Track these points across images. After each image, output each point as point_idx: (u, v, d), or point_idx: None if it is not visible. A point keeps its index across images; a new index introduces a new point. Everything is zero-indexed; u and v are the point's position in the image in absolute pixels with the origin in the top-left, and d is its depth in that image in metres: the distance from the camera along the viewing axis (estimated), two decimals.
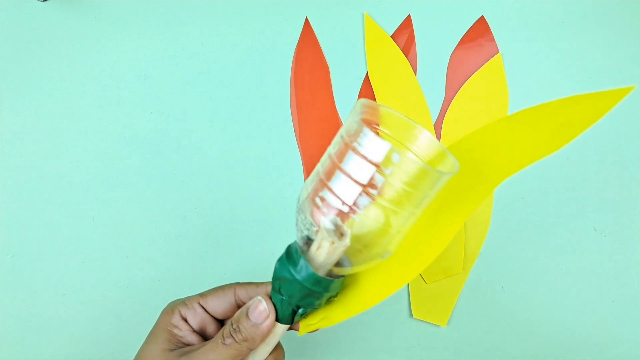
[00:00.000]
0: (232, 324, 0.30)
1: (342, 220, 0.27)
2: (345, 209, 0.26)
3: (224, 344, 0.30)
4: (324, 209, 0.26)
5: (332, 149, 0.27)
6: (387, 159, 0.24)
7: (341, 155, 0.26)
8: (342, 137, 0.26)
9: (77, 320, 0.44)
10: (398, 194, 0.25)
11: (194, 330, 0.33)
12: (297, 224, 0.29)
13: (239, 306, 0.33)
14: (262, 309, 0.30)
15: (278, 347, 0.33)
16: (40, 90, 0.47)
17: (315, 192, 0.27)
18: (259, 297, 0.30)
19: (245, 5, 0.48)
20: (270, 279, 0.31)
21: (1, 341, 0.44)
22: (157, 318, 0.34)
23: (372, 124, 0.28)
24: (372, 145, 0.24)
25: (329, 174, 0.26)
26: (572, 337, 0.43)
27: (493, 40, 0.47)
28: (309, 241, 0.29)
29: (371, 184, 0.25)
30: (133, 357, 0.34)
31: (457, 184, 0.28)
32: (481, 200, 0.26)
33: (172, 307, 0.33)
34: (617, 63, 0.46)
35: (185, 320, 0.33)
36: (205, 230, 0.45)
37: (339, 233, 0.27)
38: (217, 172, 0.46)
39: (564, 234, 0.44)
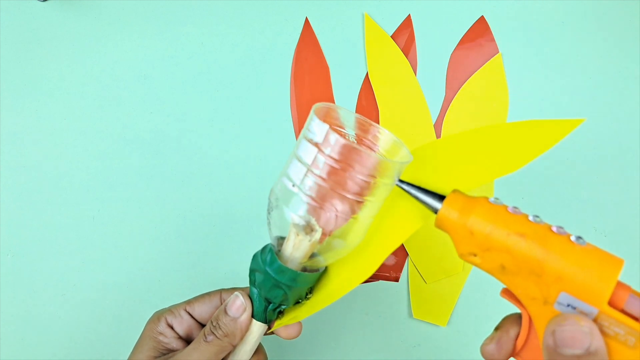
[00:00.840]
0: (212, 322, 0.31)
1: (317, 218, 0.28)
2: (295, 189, 0.28)
3: (206, 341, 0.30)
4: (291, 203, 0.28)
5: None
6: (327, 139, 0.26)
7: (297, 144, 0.28)
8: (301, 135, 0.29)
9: (77, 320, 0.44)
10: (359, 186, 0.26)
11: (180, 337, 0.33)
12: (268, 224, 0.31)
13: None
14: (239, 303, 0.31)
15: (260, 351, 0.33)
16: (40, 90, 0.47)
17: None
18: (236, 293, 0.31)
19: (245, 5, 0.48)
20: None
21: (1, 341, 0.44)
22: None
23: (332, 125, 0.29)
24: (316, 127, 0.27)
25: (287, 163, 0.29)
26: None
27: (493, 40, 0.47)
28: (281, 240, 0.30)
29: (322, 171, 0.27)
30: None
31: (416, 176, 0.29)
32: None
33: (157, 316, 0.34)
34: (617, 63, 0.46)
35: (172, 328, 0.33)
36: (205, 230, 0.45)
37: (309, 229, 0.28)
38: (217, 172, 0.46)
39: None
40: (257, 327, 0.31)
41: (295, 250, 0.29)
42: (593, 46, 0.47)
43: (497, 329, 0.30)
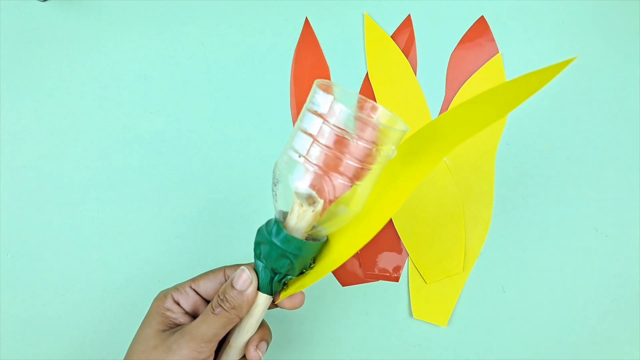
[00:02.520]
0: (219, 296, 0.32)
1: (321, 186, 0.29)
2: (301, 160, 0.29)
3: (214, 313, 0.31)
4: (295, 173, 0.29)
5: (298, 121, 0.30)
6: (332, 109, 0.28)
7: (300, 118, 0.30)
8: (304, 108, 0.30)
9: (77, 320, 0.44)
10: (362, 154, 0.28)
11: (187, 312, 0.34)
12: (274, 197, 0.32)
13: None
14: (245, 276, 0.32)
15: (265, 325, 0.34)
16: (40, 90, 0.47)
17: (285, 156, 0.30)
18: (242, 267, 0.32)
19: (245, 5, 0.48)
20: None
21: (1, 341, 0.44)
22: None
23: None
24: (321, 99, 0.28)
25: (292, 137, 0.30)
26: (572, 337, 0.43)
27: (493, 40, 0.47)
28: (285, 214, 0.31)
29: (328, 140, 0.28)
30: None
31: (413, 146, 0.31)
32: (437, 161, 0.28)
33: (164, 293, 0.35)
34: (617, 63, 0.46)
35: (178, 304, 0.34)
36: (205, 230, 0.45)
37: (311, 200, 0.29)
38: (217, 172, 0.46)
39: (564, 234, 0.44)
40: (263, 299, 0.32)
41: (300, 220, 0.30)
42: (593, 46, 0.47)
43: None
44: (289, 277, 0.32)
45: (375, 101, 0.46)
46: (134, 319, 0.44)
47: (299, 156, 0.29)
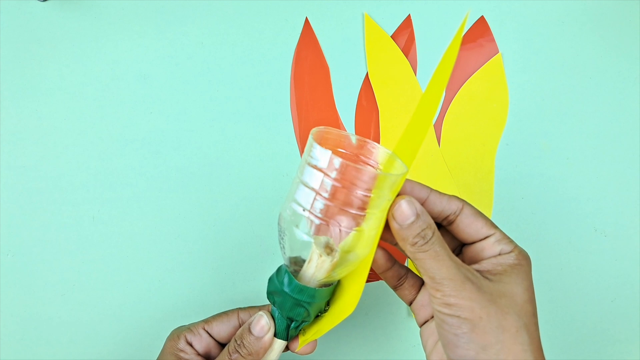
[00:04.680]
0: (235, 340, 0.32)
1: (333, 238, 0.30)
2: (306, 213, 0.29)
3: (231, 358, 0.31)
4: (301, 226, 0.30)
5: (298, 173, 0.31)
6: (331, 164, 0.28)
7: (301, 170, 0.30)
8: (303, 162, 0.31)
9: (77, 320, 0.44)
10: (362, 201, 0.29)
11: (199, 354, 0.34)
12: (282, 249, 0.32)
13: None
14: (263, 323, 0.32)
15: None
16: (40, 90, 0.47)
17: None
18: (260, 312, 0.32)
19: (245, 5, 0.48)
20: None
21: (1, 341, 0.44)
22: (156, 319, 0.35)
23: (330, 146, 0.32)
24: (319, 154, 0.29)
25: (294, 189, 0.30)
26: (572, 337, 0.43)
27: (493, 40, 0.47)
28: (294, 259, 0.31)
29: (330, 193, 0.29)
30: (132, 357, 0.34)
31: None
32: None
33: (177, 334, 0.35)
34: (617, 63, 0.46)
35: (191, 345, 0.34)
36: (205, 230, 0.45)
37: (329, 249, 0.30)
38: (217, 172, 0.46)
39: (563, 234, 0.44)
40: (278, 344, 0.32)
41: (318, 270, 0.30)
42: (593, 46, 0.47)
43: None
44: (305, 323, 0.32)
45: (376, 103, 0.46)
46: (133, 319, 0.44)
47: (303, 210, 0.29)
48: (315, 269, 0.30)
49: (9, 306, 0.44)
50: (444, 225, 0.32)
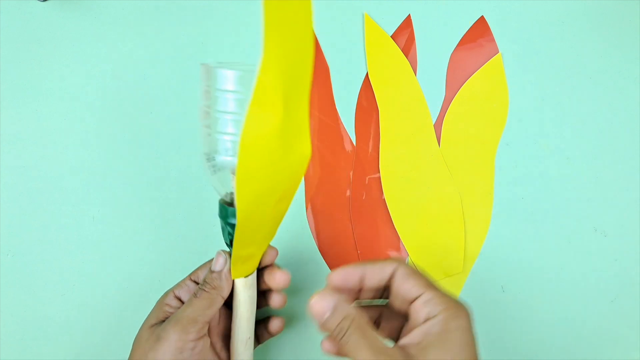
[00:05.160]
0: (200, 282, 0.34)
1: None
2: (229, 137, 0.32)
3: (196, 297, 0.33)
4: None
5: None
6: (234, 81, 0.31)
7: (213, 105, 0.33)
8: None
9: (77, 320, 0.44)
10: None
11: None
12: (214, 185, 0.35)
13: None
14: (221, 259, 0.34)
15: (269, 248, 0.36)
16: (40, 90, 0.47)
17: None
18: (218, 251, 0.34)
19: (245, 5, 0.48)
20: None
21: (1, 341, 0.44)
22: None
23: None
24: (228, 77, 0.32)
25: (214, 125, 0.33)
26: (572, 337, 0.43)
27: (493, 40, 0.47)
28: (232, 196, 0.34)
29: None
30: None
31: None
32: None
33: (166, 292, 0.36)
34: (617, 63, 0.46)
35: (179, 299, 0.36)
36: (205, 230, 0.45)
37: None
38: None
39: (564, 234, 0.44)
40: (240, 282, 0.34)
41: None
42: (593, 46, 0.47)
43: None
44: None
45: (376, 103, 0.46)
46: (134, 319, 0.44)
47: (226, 136, 0.32)
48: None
49: (9, 306, 0.44)
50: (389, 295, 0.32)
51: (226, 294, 0.34)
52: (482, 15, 0.47)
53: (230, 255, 0.34)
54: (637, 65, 0.46)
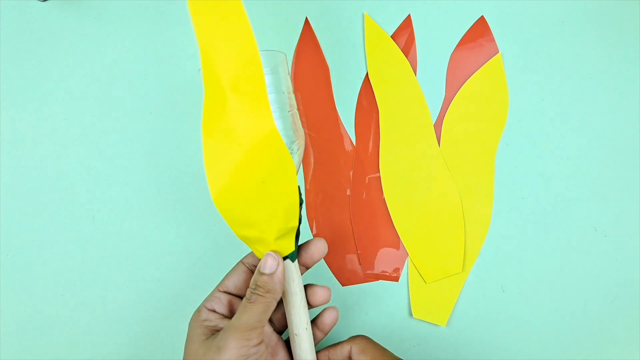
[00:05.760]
0: (251, 286, 0.33)
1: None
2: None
3: (251, 302, 0.32)
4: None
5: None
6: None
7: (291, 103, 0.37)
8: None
9: (77, 320, 0.44)
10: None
11: (225, 316, 0.35)
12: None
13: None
14: (270, 260, 0.33)
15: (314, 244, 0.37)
16: (40, 90, 0.47)
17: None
18: (267, 252, 0.33)
19: (245, 5, 0.48)
20: None
21: (1, 341, 0.44)
22: (156, 318, 0.35)
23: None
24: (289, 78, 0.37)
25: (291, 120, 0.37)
26: (572, 337, 0.43)
27: (493, 40, 0.47)
28: None
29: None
30: (132, 357, 0.34)
31: None
32: None
33: (197, 310, 0.35)
34: (617, 63, 0.46)
35: (214, 311, 0.35)
36: (205, 229, 0.45)
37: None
38: None
39: (564, 234, 0.44)
40: (292, 269, 0.34)
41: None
42: (593, 46, 0.47)
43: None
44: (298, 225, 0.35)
45: (376, 103, 0.46)
46: (133, 319, 0.44)
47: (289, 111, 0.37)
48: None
49: (9, 306, 0.44)
50: None
51: (279, 295, 0.33)
52: (482, 15, 0.47)
53: (282, 257, 0.34)
54: (637, 65, 0.46)
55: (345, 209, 0.45)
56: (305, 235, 0.45)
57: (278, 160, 0.32)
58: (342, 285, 0.45)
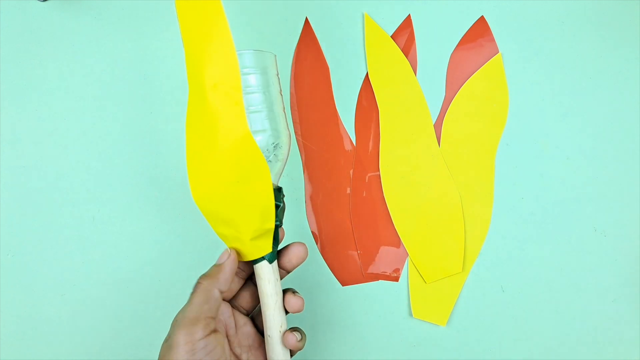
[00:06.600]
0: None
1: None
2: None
3: (192, 292, 0.33)
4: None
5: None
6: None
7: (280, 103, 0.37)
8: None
9: (77, 320, 0.44)
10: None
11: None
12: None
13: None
14: (224, 253, 0.34)
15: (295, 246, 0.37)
16: (40, 90, 0.47)
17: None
18: (225, 249, 0.35)
19: (245, 5, 0.48)
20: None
21: (1, 341, 0.44)
22: (156, 318, 0.35)
23: None
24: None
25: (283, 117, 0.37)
26: (572, 337, 0.43)
27: (493, 40, 0.47)
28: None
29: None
30: (132, 357, 0.34)
31: None
32: None
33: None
34: (617, 63, 0.46)
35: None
36: (205, 229, 0.45)
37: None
38: None
39: (563, 234, 0.44)
40: (264, 268, 0.35)
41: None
42: (593, 46, 0.47)
43: None
44: (277, 224, 0.35)
45: (376, 103, 0.46)
46: (133, 319, 0.44)
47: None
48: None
49: (9, 306, 0.44)
50: None
51: (224, 287, 0.33)
52: (482, 15, 0.47)
53: (236, 252, 0.35)
54: (637, 65, 0.46)
55: (345, 208, 0.45)
56: (305, 235, 0.45)
57: (252, 163, 0.32)
58: (342, 285, 0.45)
